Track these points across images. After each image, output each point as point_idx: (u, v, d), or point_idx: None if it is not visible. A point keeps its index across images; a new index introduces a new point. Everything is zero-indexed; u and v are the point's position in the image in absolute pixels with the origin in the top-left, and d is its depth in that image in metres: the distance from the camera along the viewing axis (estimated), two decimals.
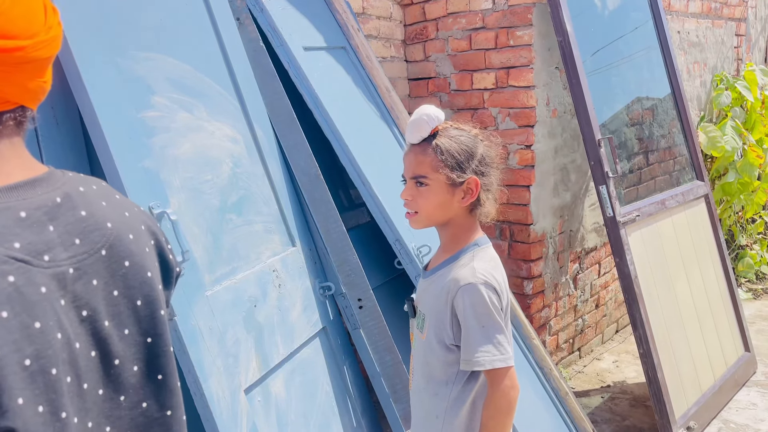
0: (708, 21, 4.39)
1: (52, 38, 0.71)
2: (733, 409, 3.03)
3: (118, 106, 1.50)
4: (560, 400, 2.43)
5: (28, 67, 0.68)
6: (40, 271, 0.65)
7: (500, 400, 1.32)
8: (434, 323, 1.38)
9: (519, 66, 2.99)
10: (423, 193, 1.36)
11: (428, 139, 1.36)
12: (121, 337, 0.75)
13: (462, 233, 1.41)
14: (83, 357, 0.70)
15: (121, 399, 0.76)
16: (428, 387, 1.41)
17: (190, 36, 1.81)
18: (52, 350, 0.64)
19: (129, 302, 0.77)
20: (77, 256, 0.71)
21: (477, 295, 1.31)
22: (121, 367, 0.75)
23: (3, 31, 0.64)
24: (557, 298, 3.33)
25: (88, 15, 1.49)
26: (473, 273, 1.33)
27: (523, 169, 3.06)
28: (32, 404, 0.61)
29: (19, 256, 0.64)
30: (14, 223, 0.65)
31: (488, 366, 1.30)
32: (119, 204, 0.80)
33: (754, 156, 4.36)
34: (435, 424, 1.40)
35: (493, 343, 1.31)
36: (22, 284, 0.63)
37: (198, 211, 1.66)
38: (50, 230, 0.68)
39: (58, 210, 0.70)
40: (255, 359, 1.71)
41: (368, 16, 3.08)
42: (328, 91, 2.24)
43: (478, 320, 1.31)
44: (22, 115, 0.71)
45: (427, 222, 1.40)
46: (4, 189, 0.67)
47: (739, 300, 3.42)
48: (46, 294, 0.65)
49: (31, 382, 0.62)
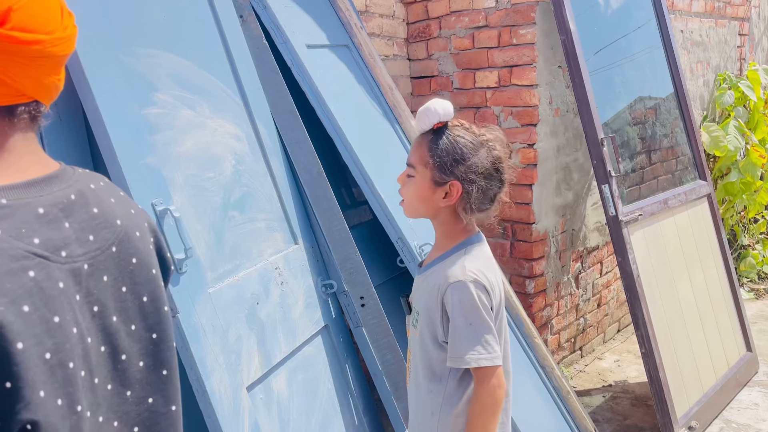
0: (711, 20, 4.38)
1: (68, 37, 0.73)
2: (735, 408, 3.02)
3: (121, 102, 1.50)
4: (562, 399, 2.43)
5: (45, 62, 0.70)
6: (57, 267, 0.66)
7: (486, 398, 1.32)
8: (426, 320, 1.39)
9: (522, 64, 2.99)
10: (408, 182, 1.39)
11: (432, 132, 1.36)
12: (127, 333, 0.76)
13: (453, 231, 1.40)
14: (95, 352, 0.71)
15: (128, 394, 0.77)
16: (424, 384, 1.42)
17: (194, 33, 1.81)
18: (70, 344, 0.66)
19: (136, 298, 0.78)
20: (90, 252, 0.72)
21: (465, 292, 1.31)
22: (128, 362, 0.76)
23: (23, 24, 0.67)
24: (559, 297, 3.33)
25: (92, 12, 1.49)
26: (463, 271, 1.33)
27: (526, 168, 3.06)
28: (52, 397, 0.62)
29: (39, 251, 0.65)
30: (33, 219, 0.66)
31: (474, 364, 1.30)
32: (125, 202, 0.82)
33: (756, 156, 4.36)
34: (431, 421, 1.40)
35: (481, 342, 1.30)
36: (42, 279, 0.64)
37: (201, 209, 1.66)
38: (66, 227, 0.70)
39: (72, 207, 0.72)
40: (257, 356, 1.71)
41: (371, 14, 3.08)
42: (331, 89, 2.24)
43: (465, 318, 1.31)
44: (36, 110, 0.73)
45: (410, 211, 1.42)
46: (22, 185, 0.68)
47: (741, 300, 3.42)
48: (63, 289, 0.66)
49: (51, 376, 0.63)
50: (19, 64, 0.67)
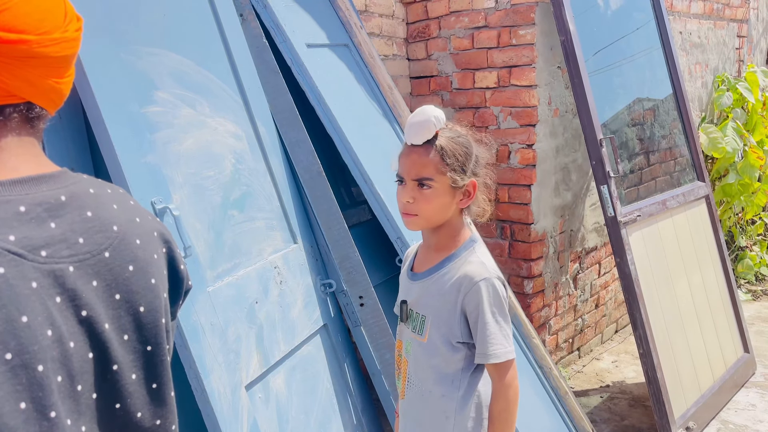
0: (710, 22, 4.39)
1: (66, 39, 0.71)
2: (732, 409, 3.03)
3: (121, 101, 1.50)
4: (560, 400, 2.43)
5: (34, 62, 0.68)
6: (33, 266, 0.64)
7: (508, 390, 1.35)
8: (438, 323, 1.38)
9: (521, 65, 2.99)
10: (426, 195, 1.34)
11: (430, 141, 1.35)
12: (120, 343, 0.74)
13: (456, 232, 1.42)
14: (78, 357, 0.68)
15: (117, 406, 0.74)
16: (434, 389, 1.40)
17: (194, 31, 1.81)
18: (39, 346, 0.63)
19: (131, 308, 0.75)
20: (78, 255, 0.70)
21: (493, 289, 1.34)
22: (120, 374, 0.74)
23: (10, 24, 0.66)
24: (557, 298, 3.34)
25: (92, 10, 1.49)
26: (485, 268, 1.36)
27: (525, 169, 3.06)
28: (11, 399, 0.60)
29: (13, 248, 0.63)
30: (12, 216, 0.64)
31: (503, 358, 1.33)
32: (131, 209, 0.79)
33: (754, 157, 4.37)
34: (446, 425, 1.39)
35: (504, 336, 1.34)
36: (12, 276, 0.62)
37: (200, 207, 1.66)
38: (51, 227, 0.68)
39: (61, 208, 0.69)
40: (256, 355, 1.71)
41: (371, 13, 3.08)
42: (331, 89, 2.24)
43: (494, 314, 1.34)
44: (30, 112, 0.71)
45: (425, 224, 1.39)
46: (7, 183, 0.66)
47: (738, 301, 3.42)
48: (36, 289, 0.64)
49: (12, 377, 0.60)
50: (6, 63, 0.66)
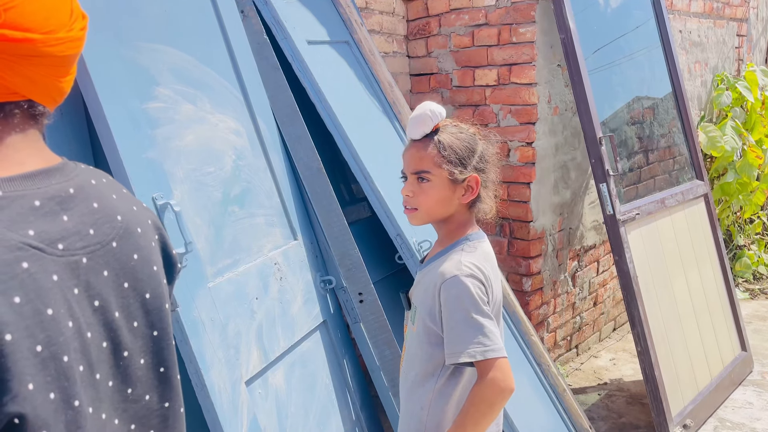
0: (710, 21, 4.39)
1: (71, 38, 0.71)
2: (730, 407, 3.04)
3: (122, 96, 1.50)
4: (558, 397, 2.44)
5: (39, 61, 0.69)
6: (53, 259, 0.66)
7: (485, 389, 1.27)
8: (424, 315, 1.39)
9: (521, 63, 2.99)
10: (424, 188, 1.36)
11: (430, 135, 1.37)
12: (129, 329, 0.76)
13: (458, 228, 1.42)
14: (95, 347, 0.70)
15: (129, 391, 0.76)
16: (416, 378, 1.42)
17: (195, 27, 1.81)
18: (63, 337, 0.65)
19: (138, 295, 0.77)
20: (90, 246, 0.71)
21: (461, 287, 1.30)
22: (130, 359, 0.76)
23: (14, 23, 0.66)
24: (556, 296, 3.34)
25: (93, 5, 1.49)
26: (458, 265, 1.33)
27: (524, 166, 3.06)
28: (43, 390, 0.61)
29: (34, 243, 0.64)
30: (28, 211, 0.65)
31: (480, 357, 1.27)
32: (127, 198, 0.81)
33: (753, 156, 4.37)
34: (420, 415, 1.40)
35: (484, 333, 1.28)
36: (36, 271, 0.63)
37: (201, 203, 1.67)
38: (64, 220, 0.69)
39: (72, 200, 0.71)
40: (256, 351, 1.71)
41: (371, 10, 3.08)
42: (331, 85, 2.24)
43: (464, 312, 1.29)
44: (32, 109, 0.72)
45: (427, 218, 1.40)
46: (19, 177, 0.67)
47: (736, 299, 3.43)
48: (57, 282, 0.66)
49: (43, 369, 0.62)
50: (9, 61, 0.67)
